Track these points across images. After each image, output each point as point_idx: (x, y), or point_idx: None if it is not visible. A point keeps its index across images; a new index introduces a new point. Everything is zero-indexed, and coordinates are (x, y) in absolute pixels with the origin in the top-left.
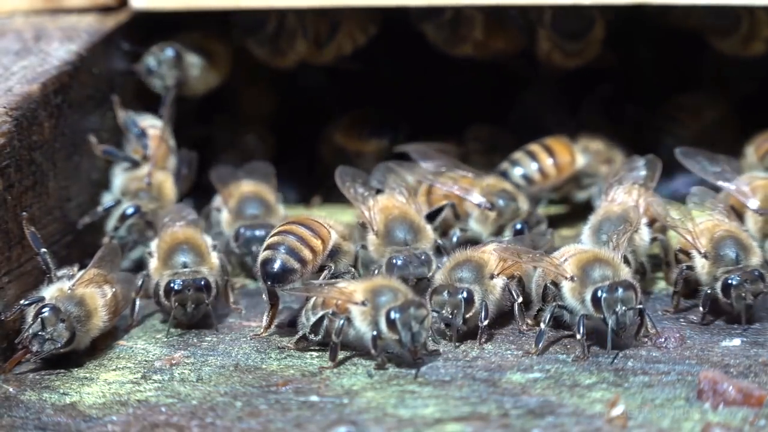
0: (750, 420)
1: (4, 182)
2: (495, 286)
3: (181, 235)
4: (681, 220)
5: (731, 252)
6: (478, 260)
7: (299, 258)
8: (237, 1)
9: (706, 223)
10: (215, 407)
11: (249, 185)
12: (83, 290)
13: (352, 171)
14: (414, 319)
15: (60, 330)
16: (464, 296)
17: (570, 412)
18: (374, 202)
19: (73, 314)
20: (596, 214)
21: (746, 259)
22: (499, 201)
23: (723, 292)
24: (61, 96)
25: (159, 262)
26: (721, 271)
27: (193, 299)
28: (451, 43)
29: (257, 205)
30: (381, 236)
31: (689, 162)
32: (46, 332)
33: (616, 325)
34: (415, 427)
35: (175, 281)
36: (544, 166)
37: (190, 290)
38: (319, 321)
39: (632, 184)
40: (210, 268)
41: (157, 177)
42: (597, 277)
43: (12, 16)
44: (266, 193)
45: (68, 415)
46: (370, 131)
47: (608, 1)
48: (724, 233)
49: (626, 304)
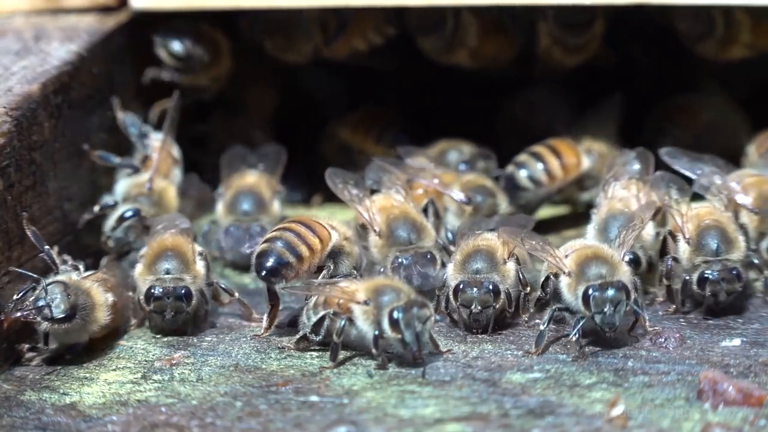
0: (750, 420)
1: (4, 182)
2: (510, 271)
3: (168, 242)
4: (676, 201)
5: (713, 243)
6: (487, 248)
7: (295, 253)
8: (237, 1)
9: (700, 210)
10: (215, 407)
11: (251, 177)
12: (90, 284)
13: (342, 172)
14: (417, 318)
15: (61, 299)
16: (491, 289)
17: (570, 412)
18: (371, 202)
19: (79, 298)
20: (599, 213)
21: (727, 251)
22: (477, 197)
23: (698, 284)
24: (61, 96)
25: (144, 267)
26: (700, 260)
27: (173, 307)
28: (447, 51)
29: (251, 201)
30: (384, 236)
31: (675, 162)
32: (46, 298)
33: (602, 324)
34: (415, 427)
35: (155, 288)
36: (551, 168)
37: (169, 298)
38: (320, 321)
39: (629, 179)
40: (194, 276)
41: (159, 184)
42: (592, 274)
43: (12, 16)
44: (264, 187)
45: (68, 415)
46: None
47: (608, 1)
48: (711, 222)
49: (615, 305)
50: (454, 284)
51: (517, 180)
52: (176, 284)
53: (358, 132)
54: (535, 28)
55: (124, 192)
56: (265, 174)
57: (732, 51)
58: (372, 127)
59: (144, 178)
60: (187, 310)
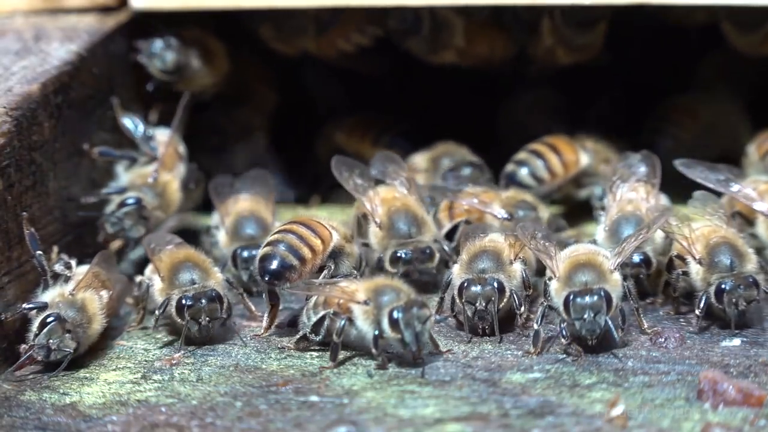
0: (750, 420)
1: (4, 182)
2: (516, 272)
3: (181, 255)
4: (678, 226)
5: (726, 259)
6: (493, 249)
7: (298, 256)
8: (237, 1)
9: (703, 229)
10: (215, 407)
11: (246, 201)
12: (83, 295)
13: (349, 161)
14: (417, 318)
15: (66, 341)
16: (496, 286)
17: (570, 412)
18: (375, 193)
19: (76, 321)
20: (609, 215)
21: (741, 265)
22: (519, 211)
23: (716, 297)
24: (61, 96)
25: (164, 282)
26: (716, 278)
27: (207, 312)
28: (433, 52)
29: (254, 225)
30: (385, 228)
31: (691, 172)
32: (52, 343)
33: (582, 331)
34: (415, 427)
35: (186, 296)
36: (551, 164)
37: (202, 302)
38: (320, 321)
39: (636, 181)
40: (216, 282)
41: (163, 176)
42: (577, 281)
43: (12, 16)
44: (263, 210)
45: (68, 415)
46: (379, 137)
47: (608, 1)
48: (720, 240)
49: (595, 312)
50: (459, 282)
51: (519, 178)
52: (204, 289)
53: (354, 135)
54: (535, 27)
55: (128, 182)
56: (259, 197)
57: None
58: (368, 130)
59: (149, 169)
60: (221, 315)
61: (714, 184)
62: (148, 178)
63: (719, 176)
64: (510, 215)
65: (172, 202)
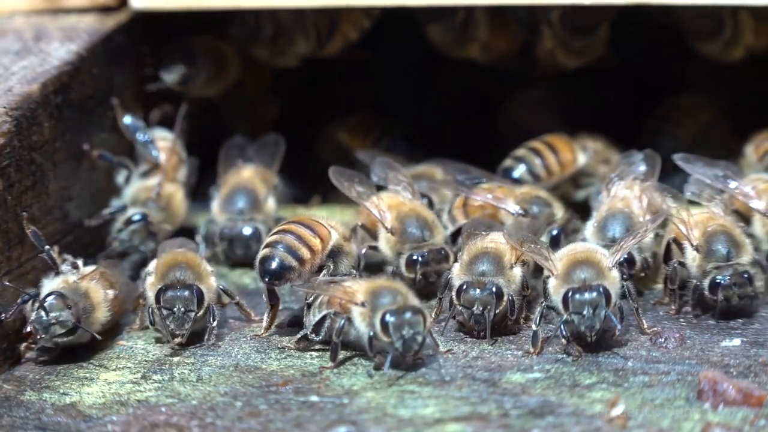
0: (750, 420)
1: (4, 182)
2: (515, 276)
3: (180, 257)
4: (677, 209)
5: (723, 248)
6: (495, 251)
7: (297, 256)
8: (237, 1)
9: (701, 216)
10: (215, 407)
11: (247, 172)
12: (87, 284)
13: (346, 171)
14: (408, 324)
15: (66, 315)
16: (494, 291)
17: (570, 412)
18: (379, 200)
19: (78, 303)
20: (599, 211)
21: (737, 256)
22: (533, 207)
23: (710, 289)
24: (61, 96)
25: (155, 278)
26: (711, 266)
27: (182, 301)
28: (458, 45)
29: (245, 199)
30: (398, 233)
31: (690, 167)
32: (51, 317)
33: (582, 327)
34: (415, 427)
35: (166, 285)
36: (548, 163)
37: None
38: (321, 320)
39: (633, 180)
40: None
41: (167, 189)
42: (576, 277)
43: (12, 16)
44: (259, 184)
45: (68, 415)
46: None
47: (608, 1)
48: (717, 227)
49: (594, 308)
50: (458, 284)
51: (515, 174)
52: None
53: (356, 135)
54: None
55: (132, 195)
56: (261, 168)
57: (735, 52)
58: (371, 130)
59: (153, 182)
60: (195, 308)
61: (712, 180)
62: (151, 193)
63: (718, 172)
64: (524, 211)
65: (178, 214)
